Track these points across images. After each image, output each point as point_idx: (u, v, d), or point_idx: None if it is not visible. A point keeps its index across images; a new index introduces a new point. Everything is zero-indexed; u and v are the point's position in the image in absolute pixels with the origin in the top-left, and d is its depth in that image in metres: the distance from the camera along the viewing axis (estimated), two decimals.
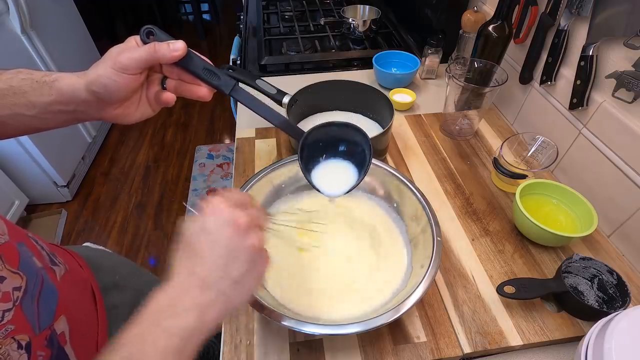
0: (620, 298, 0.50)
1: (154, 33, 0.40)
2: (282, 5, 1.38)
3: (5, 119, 0.41)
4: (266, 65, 1.04)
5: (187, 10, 3.52)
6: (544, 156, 0.68)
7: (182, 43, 0.40)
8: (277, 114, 0.45)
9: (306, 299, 0.49)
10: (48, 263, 0.47)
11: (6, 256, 0.39)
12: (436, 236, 0.48)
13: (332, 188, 0.48)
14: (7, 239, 0.41)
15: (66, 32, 1.83)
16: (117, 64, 0.38)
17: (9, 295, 0.37)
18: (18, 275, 0.39)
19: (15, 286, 0.39)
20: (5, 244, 0.40)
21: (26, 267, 0.41)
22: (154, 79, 0.44)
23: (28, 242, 0.45)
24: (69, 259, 0.54)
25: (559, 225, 0.60)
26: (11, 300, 0.38)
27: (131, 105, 0.43)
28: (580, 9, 0.60)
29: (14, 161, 1.56)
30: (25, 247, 0.43)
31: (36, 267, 0.43)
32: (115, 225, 1.73)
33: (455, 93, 0.75)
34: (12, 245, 0.41)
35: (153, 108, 0.45)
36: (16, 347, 0.37)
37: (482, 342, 0.49)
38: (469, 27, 0.89)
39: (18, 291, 0.39)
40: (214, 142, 2.18)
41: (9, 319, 0.37)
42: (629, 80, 0.53)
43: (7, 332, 0.36)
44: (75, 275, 0.52)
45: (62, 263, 0.50)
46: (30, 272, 0.42)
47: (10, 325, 0.37)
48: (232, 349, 0.48)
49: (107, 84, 0.39)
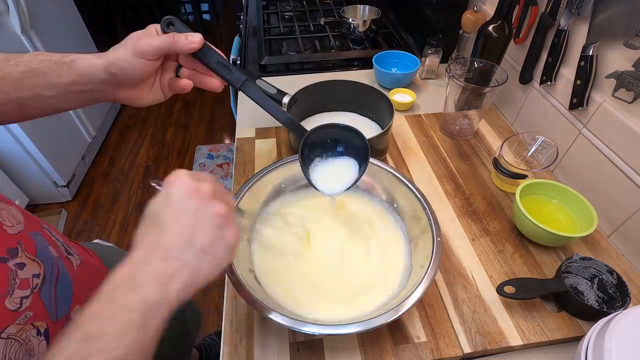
0: (620, 298, 0.50)
1: (173, 24, 0.43)
2: (282, 5, 1.38)
3: (26, 100, 0.42)
4: (266, 65, 1.04)
5: (187, 10, 3.53)
6: (544, 156, 0.68)
7: (200, 36, 0.42)
8: (283, 111, 0.47)
9: (306, 299, 0.49)
10: (64, 253, 0.47)
11: (25, 244, 0.40)
12: (436, 236, 0.48)
13: (330, 187, 0.49)
14: (23, 227, 0.41)
15: (66, 32, 1.83)
16: (137, 49, 0.40)
17: (28, 282, 0.38)
18: (36, 263, 0.40)
19: (34, 273, 0.39)
20: (21, 232, 0.41)
21: (43, 255, 0.42)
22: (169, 67, 0.46)
23: (43, 232, 0.46)
24: (84, 252, 0.55)
25: (559, 225, 0.60)
26: (30, 287, 0.38)
27: (145, 88, 0.45)
28: (580, 9, 0.60)
29: (14, 161, 1.56)
30: (40, 237, 0.44)
31: (52, 255, 0.44)
32: (115, 225, 1.73)
33: (455, 93, 0.75)
34: (27, 234, 0.42)
35: (165, 94, 0.47)
36: (35, 334, 0.38)
37: (482, 342, 0.49)
38: (469, 27, 0.89)
39: (37, 278, 0.40)
40: (214, 142, 2.18)
41: (27, 306, 0.37)
42: (629, 80, 0.53)
43: (27, 319, 0.37)
44: (90, 267, 0.53)
45: (77, 254, 0.51)
46: (47, 261, 0.42)
47: (29, 312, 0.37)
48: (232, 349, 0.48)
49: (125, 66, 0.41)
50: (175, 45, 0.41)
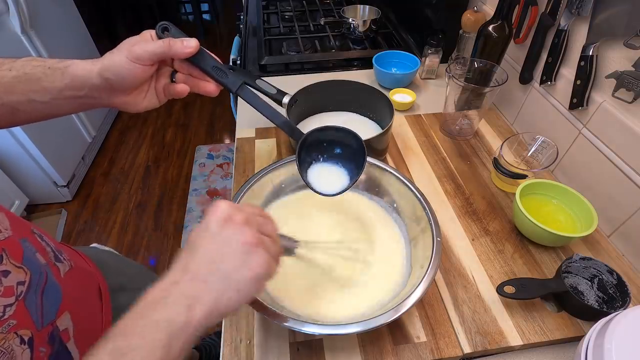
0: (620, 298, 0.50)
1: (169, 29, 0.43)
2: (282, 5, 1.38)
3: (18, 105, 0.42)
4: (266, 65, 1.04)
5: (187, 10, 3.52)
6: (544, 156, 0.68)
7: (195, 41, 0.42)
8: (280, 114, 0.47)
9: (306, 299, 0.49)
10: (52, 259, 0.46)
11: (10, 250, 0.39)
12: (436, 237, 0.48)
13: (328, 187, 0.49)
14: (9, 233, 0.40)
15: (66, 32, 1.83)
16: (132, 54, 0.40)
17: (12, 289, 0.37)
18: (22, 270, 0.39)
19: (19, 280, 0.39)
20: (8, 239, 0.40)
21: (30, 262, 0.41)
22: (164, 72, 0.46)
23: (32, 239, 0.45)
24: (76, 257, 0.54)
25: (559, 225, 0.60)
26: (14, 295, 0.37)
27: (140, 94, 0.45)
28: (580, 9, 0.60)
29: (14, 161, 1.56)
30: (28, 243, 0.43)
31: (40, 263, 0.43)
32: (115, 225, 1.73)
33: (455, 93, 0.75)
34: (15, 240, 0.41)
35: (160, 99, 0.47)
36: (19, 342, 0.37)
37: (482, 342, 0.49)
38: (469, 27, 0.89)
39: (22, 285, 0.39)
40: (214, 142, 2.18)
41: (11, 314, 0.36)
42: (629, 80, 0.53)
43: (10, 327, 0.36)
44: (81, 273, 0.52)
45: (68, 260, 0.50)
46: (34, 268, 0.41)
47: (13, 320, 0.37)
48: (232, 349, 0.48)
49: (119, 71, 0.40)
50: (171, 51, 0.41)
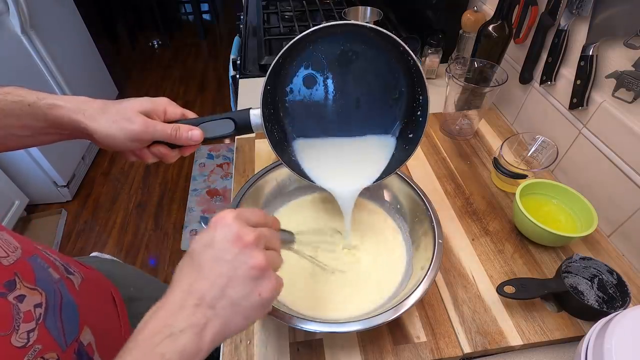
0: (620, 298, 0.50)
1: None
2: (282, 5, 1.38)
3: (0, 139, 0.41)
4: (266, 65, 1.04)
5: (187, 10, 3.52)
6: (544, 156, 0.68)
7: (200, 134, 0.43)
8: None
9: (306, 299, 0.49)
10: (64, 273, 0.45)
11: (22, 273, 0.37)
12: (438, 238, 0.48)
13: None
14: (19, 254, 0.38)
15: (66, 32, 1.83)
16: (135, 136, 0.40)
17: (31, 314, 0.36)
18: (37, 292, 0.38)
19: (36, 303, 0.37)
20: (18, 260, 0.38)
21: (43, 282, 0.39)
22: None
23: (41, 254, 0.43)
24: (82, 268, 0.52)
25: (559, 225, 0.60)
26: (34, 319, 0.36)
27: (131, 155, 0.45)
28: (580, 9, 0.60)
29: (14, 161, 1.56)
30: (39, 259, 0.41)
31: (53, 279, 0.41)
32: (115, 225, 1.73)
33: (455, 93, 0.75)
34: (24, 260, 0.39)
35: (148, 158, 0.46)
36: None
37: (482, 342, 0.49)
38: (469, 27, 0.89)
39: (40, 308, 0.37)
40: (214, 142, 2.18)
41: (35, 339, 0.35)
42: (629, 80, 0.53)
43: (36, 353, 0.35)
44: (92, 283, 0.50)
45: (77, 272, 0.48)
46: (48, 287, 0.40)
47: (38, 346, 0.35)
48: (232, 349, 0.48)
49: (113, 145, 0.40)
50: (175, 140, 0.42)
